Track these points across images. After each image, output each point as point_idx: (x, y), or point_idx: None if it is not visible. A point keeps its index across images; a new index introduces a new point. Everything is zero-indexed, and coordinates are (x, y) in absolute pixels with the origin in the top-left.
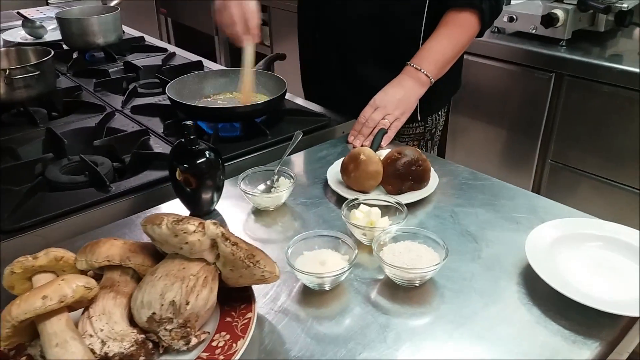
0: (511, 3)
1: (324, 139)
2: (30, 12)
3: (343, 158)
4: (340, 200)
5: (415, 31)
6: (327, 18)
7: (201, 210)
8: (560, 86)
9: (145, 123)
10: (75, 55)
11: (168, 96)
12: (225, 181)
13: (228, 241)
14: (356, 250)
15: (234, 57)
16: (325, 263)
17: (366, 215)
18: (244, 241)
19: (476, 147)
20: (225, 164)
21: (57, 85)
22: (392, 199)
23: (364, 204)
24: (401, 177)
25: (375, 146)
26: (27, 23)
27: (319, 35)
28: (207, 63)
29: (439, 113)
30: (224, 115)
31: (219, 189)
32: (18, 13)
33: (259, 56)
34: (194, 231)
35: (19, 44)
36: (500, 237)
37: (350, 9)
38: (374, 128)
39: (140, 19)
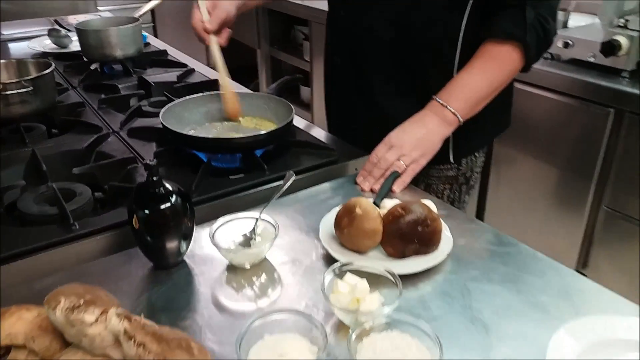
0: (568, 26)
1: (333, 175)
2: (77, 18)
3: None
4: (332, 260)
5: (448, 59)
6: (345, 39)
7: (165, 262)
8: (620, 123)
9: (138, 149)
10: (93, 67)
11: (161, 121)
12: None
13: (132, 341)
14: (326, 340)
15: (275, 71)
16: (285, 355)
17: (351, 290)
18: (159, 336)
19: (522, 185)
20: (213, 202)
21: (63, 100)
22: (385, 270)
23: (352, 271)
24: (404, 239)
25: (384, 192)
26: (52, 32)
27: (338, 60)
28: None
29: (477, 154)
30: (220, 146)
31: (186, 238)
32: (55, 21)
33: (292, 72)
34: (93, 323)
35: (44, 53)
36: (518, 330)
37: (369, 30)
38: (387, 170)
39: (185, 28)
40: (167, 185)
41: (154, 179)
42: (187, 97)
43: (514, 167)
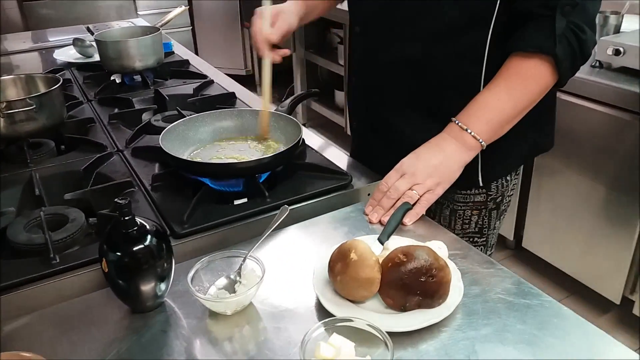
0: (620, 31)
1: (344, 202)
2: (120, 24)
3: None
4: (324, 311)
5: (472, 77)
6: (360, 56)
7: (141, 306)
8: None
9: (140, 170)
10: (113, 78)
11: (160, 144)
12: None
13: None
14: None
15: (311, 75)
16: None
17: (336, 353)
18: None
19: (565, 202)
20: (208, 232)
21: (76, 115)
22: (374, 328)
23: (339, 329)
24: (405, 290)
25: (391, 229)
26: (77, 42)
27: (354, 78)
28: (243, 95)
29: (508, 178)
30: (219, 171)
31: (162, 280)
32: (87, 28)
33: (327, 76)
34: None
35: (69, 63)
36: None
37: (386, 48)
38: (397, 200)
39: (224, 31)
40: (143, 224)
41: (126, 218)
42: (193, 116)
43: (557, 182)
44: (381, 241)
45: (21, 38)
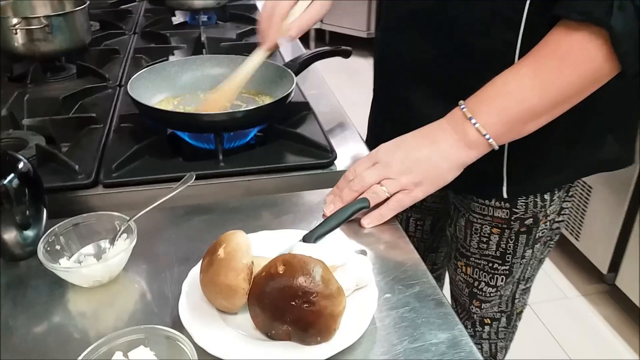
0: None
1: (320, 184)
2: None
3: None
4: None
5: (503, 46)
6: (386, 25)
7: (8, 254)
8: None
9: (123, 109)
10: (178, 16)
11: (128, 91)
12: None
13: None
14: None
15: None
16: None
17: None
18: None
19: None
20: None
21: (111, 45)
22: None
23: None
24: (272, 312)
25: (327, 228)
26: None
27: (379, 50)
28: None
29: (547, 196)
30: (185, 122)
31: (26, 227)
32: None
33: None
34: None
35: None
36: None
37: (411, 16)
38: (360, 194)
39: None
40: (11, 161)
41: None
42: (181, 59)
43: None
44: (306, 241)
45: None
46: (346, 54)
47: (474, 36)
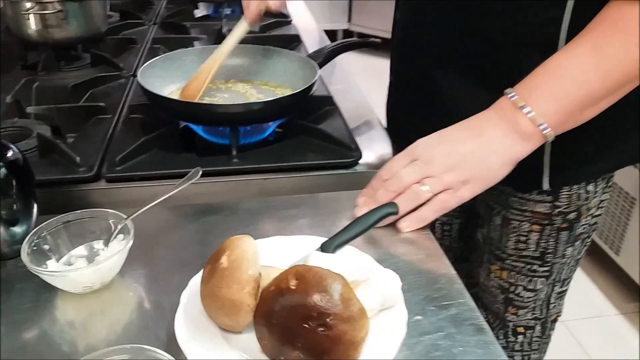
0: None
1: (344, 185)
2: None
3: None
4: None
5: (548, 25)
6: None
7: None
8: None
9: (134, 99)
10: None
11: (138, 80)
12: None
13: None
14: None
15: None
16: None
17: None
18: None
19: None
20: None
21: (129, 35)
22: None
23: None
24: (281, 334)
25: (350, 234)
26: None
27: (400, 33)
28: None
29: (590, 187)
30: (196, 114)
31: (13, 223)
32: None
33: None
34: None
35: None
36: None
37: None
38: (398, 195)
39: None
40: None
41: None
42: (196, 47)
43: None
44: (324, 251)
45: None
46: (375, 46)
47: (513, 10)
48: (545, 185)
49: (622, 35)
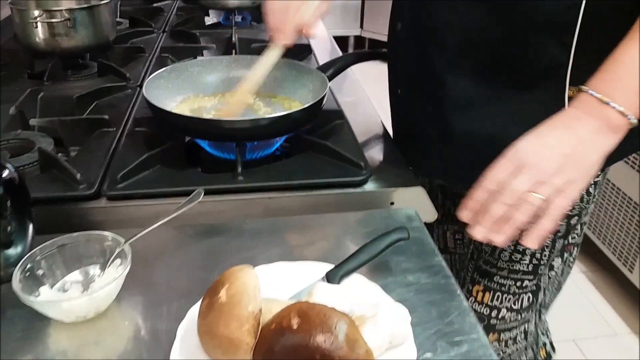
0: None
1: (351, 204)
2: None
3: None
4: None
5: (564, 10)
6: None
7: None
8: None
9: (140, 111)
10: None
11: (142, 93)
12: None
13: None
14: None
15: None
16: None
17: None
18: None
19: None
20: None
21: (138, 44)
22: None
23: None
24: None
25: (358, 262)
26: None
27: (400, 30)
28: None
29: (590, 189)
30: (199, 129)
31: (6, 247)
32: None
33: None
34: None
35: None
36: None
37: None
38: (517, 209)
39: None
40: None
41: None
42: (200, 59)
43: None
44: (329, 280)
45: None
46: (386, 57)
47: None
48: None
49: None
